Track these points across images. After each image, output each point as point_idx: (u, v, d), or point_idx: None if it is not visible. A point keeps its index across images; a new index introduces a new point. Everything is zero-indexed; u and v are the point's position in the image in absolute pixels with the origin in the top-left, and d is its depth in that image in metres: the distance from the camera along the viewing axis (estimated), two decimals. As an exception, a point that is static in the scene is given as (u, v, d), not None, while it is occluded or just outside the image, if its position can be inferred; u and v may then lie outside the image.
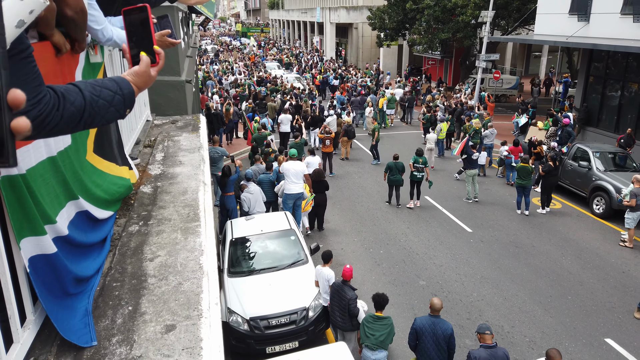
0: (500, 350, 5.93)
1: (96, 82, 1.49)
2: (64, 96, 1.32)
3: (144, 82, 1.61)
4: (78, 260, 2.28)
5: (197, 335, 1.99)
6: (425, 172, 13.36)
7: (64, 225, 2.18)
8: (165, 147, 4.77)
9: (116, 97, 1.49)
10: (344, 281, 7.36)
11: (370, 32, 40.25)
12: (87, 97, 1.39)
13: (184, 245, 2.74)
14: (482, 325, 6.10)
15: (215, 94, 24.49)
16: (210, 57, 49.37)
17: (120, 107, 1.52)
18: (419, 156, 13.42)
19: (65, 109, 1.31)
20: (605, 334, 8.35)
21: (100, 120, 1.46)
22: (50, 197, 2.10)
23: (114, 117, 1.52)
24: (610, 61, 18.63)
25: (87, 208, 2.56)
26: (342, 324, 7.29)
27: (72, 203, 2.37)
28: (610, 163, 13.66)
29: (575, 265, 10.61)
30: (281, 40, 74.34)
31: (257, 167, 12.46)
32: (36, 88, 1.23)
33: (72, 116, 1.33)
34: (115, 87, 1.50)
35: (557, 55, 34.80)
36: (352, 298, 7.14)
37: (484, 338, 5.95)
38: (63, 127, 1.33)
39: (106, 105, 1.45)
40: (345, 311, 7.17)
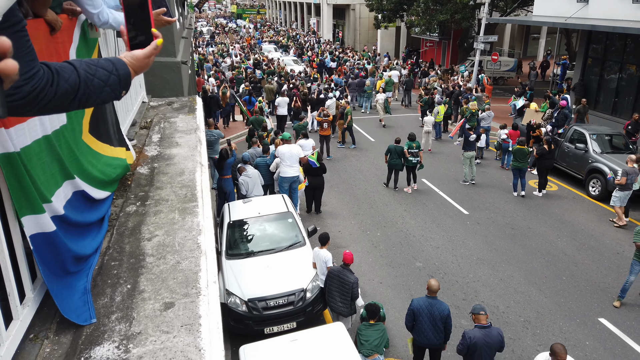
0: (494, 330, 6.01)
1: (92, 62, 1.49)
2: (59, 73, 1.31)
3: (140, 66, 1.61)
4: (77, 239, 2.29)
5: (195, 313, 2.01)
6: (419, 156, 13.33)
7: (60, 205, 2.19)
8: (161, 128, 4.74)
9: (112, 77, 1.49)
10: (344, 265, 7.39)
11: (368, 14, 39.78)
12: (81, 75, 1.38)
13: (181, 225, 2.75)
14: (477, 306, 6.17)
15: (211, 77, 24.28)
16: (206, 39, 48.83)
17: (116, 88, 1.51)
18: (411, 141, 13.38)
19: (59, 86, 1.30)
20: (599, 313, 8.46)
21: (95, 99, 1.46)
22: (46, 176, 2.10)
23: (110, 97, 1.51)
24: (609, 43, 18.53)
25: (84, 188, 2.56)
26: (343, 308, 7.32)
27: (68, 182, 2.37)
28: (606, 145, 13.68)
29: (570, 247, 10.70)
30: (277, 22, 73.51)
31: (254, 150, 12.43)
32: (29, 63, 1.22)
33: (66, 93, 1.32)
34: (111, 67, 1.49)
35: (555, 36, 34.56)
36: (355, 282, 7.21)
37: (478, 318, 6.02)
38: (57, 104, 1.32)
39: (101, 85, 1.44)
40: (348, 295, 7.22)
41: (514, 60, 30.35)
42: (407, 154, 13.22)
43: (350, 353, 5.86)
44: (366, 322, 6.55)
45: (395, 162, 13.46)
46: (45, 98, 1.26)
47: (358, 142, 18.18)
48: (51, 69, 1.30)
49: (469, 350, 5.93)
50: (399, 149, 13.36)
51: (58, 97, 1.30)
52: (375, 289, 9.20)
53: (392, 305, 8.66)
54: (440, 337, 6.43)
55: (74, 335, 1.94)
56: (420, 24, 28.84)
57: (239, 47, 42.19)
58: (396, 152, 13.35)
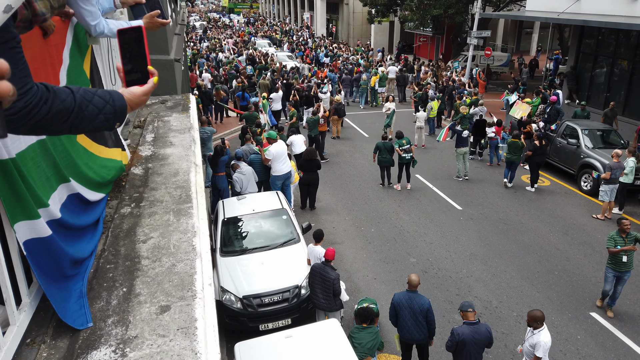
0: (482, 327, 6.08)
1: (90, 90, 1.52)
2: (55, 93, 1.33)
3: (137, 102, 1.64)
4: (73, 243, 2.30)
5: (191, 316, 2.03)
6: (411, 152, 13.25)
7: (56, 208, 2.19)
8: (155, 127, 4.73)
9: (107, 106, 1.51)
10: (325, 262, 7.38)
11: (362, 8, 39.70)
12: (77, 99, 1.40)
13: (176, 227, 2.76)
14: (464, 303, 6.24)
15: (204, 72, 24.17)
16: (199, 34, 48.55)
17: (110, 117, 1.53)
18: (400, 138, 13.30)
19: (54, 105, 1.31)
20: (591, 308, 8.57)
21: (88, 125, 1.47)
22: (42, 180, 2.11)
23: (103, 125, 1.53)
24: (601, 38, 18.62)
25: (79, 190, 2.57)
26: (327, 304, 7.33)
27: (63, 186, 2.38)
28: (598, 140, 13.79)
29: (562, 242, 10.80)
30: (271, 16, 73.16)
31: (247, 147, 12.42)
32: (23, 79, 1.23)
33: (59, 113, 1.34)
34: (108, 97, 1.52)
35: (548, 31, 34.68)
36: (336, 278, 7.21)
37: (466, 315, 6.09)
38: (49, 123, 1.33)
39: (95, 112, 1.47)
40: (330, 292, 7.22)
41: (507, 55, 30.44)
42: (399, 152, 13.12)
43: (345, 349, 5.90)
44: (359, 325, 6.58)
45: (385, 159, 13.39)
46: (38, 115, 1.27)
47: (352, 138, 18.20)
48: (48, 88, 1.31)
49: (457, 347, 6.00)
50: (387, 145, 13.33)
51: (51, 115, 1.31)
52: (370, 285, 9.26)
53: (387, 301, 8.67)
54: (424, 332, 6.49)
55: (71, 339, 1.95)
56: (413, 19, 28.84)
57: (232, 42, 41.99)
58: (385, 148, 13.26)
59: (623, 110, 17.52)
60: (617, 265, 8.01)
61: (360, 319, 6.59)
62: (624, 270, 8.00)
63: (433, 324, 6.53)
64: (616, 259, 7.99)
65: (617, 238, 7.98)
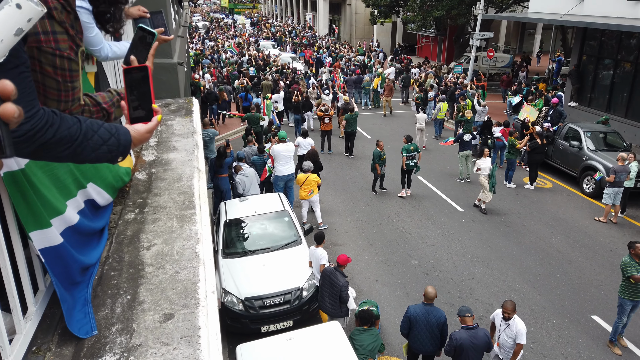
0: (480, 331, 6.11)
1: (97, 122, 1.56)
2: (62, 118, 1.36)
3: (140, 139, 1.68)
4: (83, 249, 2.33)
5: (194, 324, 2.05)
6: (417, 158, 12.95)
7: (74, 214, 2.23)
8: (158, 131, 4.75)
9: (112, 138, 1.55)
10: (336, 267, 7.38)
11: (364, 9, 39.73)
12: (83, 128, 1.44)
13: (180, 234, 2.78)
14: (462, 308, 6.26)
15: (207, 73, 24.21)
16: (201, 34, 48.63)
17: (114, 149, 1.57)
18: (409, 143, 12.94)
19: (59, 129, 1.34)
20: (592, 311, 8.57)
21: (89, 154, 1.50)
22: (58, 187, 2.14)
23: (105, 157, 1.56)
24: (604, 40, 18.60)
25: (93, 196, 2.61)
26: (332, 310, 7.34)
27: (82, 192, 2.42)
28: (601, 143, 13.78)
29: (564, 244, 10.80)
30: (273, 16, 73.20)
31: (249, 149, 12.46)
32: (30, 102, 1.26)
33: (63, 139, 1.37)
34: (114, 131, 1.56)
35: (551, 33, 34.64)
36: (344, 285, 7.18)
37: (464, 320, 6.12)
38: (52, 148, 1.36)
39: (100, 142, 1.50)
40: (337, 298, 7.23)
41: (510, 56, 30.40)
42: (404, 159, 12.82)
43: (347, 352, 5.93)
44: (360, 327, 6.60)
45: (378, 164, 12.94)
46: (43, 138, 1.30)
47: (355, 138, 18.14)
48: (56, 113, 1.34)
49: (455, 352, 6.02)
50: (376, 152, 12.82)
51: (55, 140, 1.34)
52: (371, 287, 9.27)
53: (388, 303, 8.74)
54: (437, 344, 6.48)
55: (76, 347, 1.97)
56: (416, 20, 28.85)
57: (235, 42, 42.02)
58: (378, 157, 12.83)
59: (626, 112, 17.51)
60: (636, 294, 7.29)
61: (361, 322, 6.60)
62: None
63: (447, 336, 6.47)
64: (635, 287, 7.25)
65: (634, 264, 7.20)
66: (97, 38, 2.68)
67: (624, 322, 7.56)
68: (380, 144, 12.96)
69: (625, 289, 7.36)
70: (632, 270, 7.17)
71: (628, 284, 7.29)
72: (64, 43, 1.71)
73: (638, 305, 7.49)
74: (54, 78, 1.65)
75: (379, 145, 12.92)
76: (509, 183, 13.93)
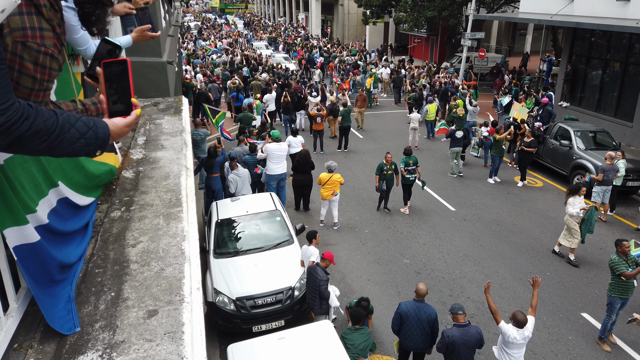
0: (472, 329, 6.13)
1: (75, 115, 1.55)
2: (38, 111, 1.35)
3: (119, 133, 1.68)
4: (61, 247, 2.31)
5: (178, 320, 2.05)
6: (417, 173, 12.11)
7: (44, 214, 2.20)
8: (147, 130, 4.74)
9: (90, 132, 1.54)
10: (318, 263, 7.38)
11: (357, 9, 39.81)
12: (60, 121, 1.43)
13: (166, 231, 2.77)
14: (455, 305, 6.27)
15: (199, 73, 24.13)
16: (194, 34, 48.48)
17: (91, 143, 1.56)
18: (408, 156, 12.04)
19: (35, 122, 1.33)
20: (582, 308, 8.63)
21: (67, 147, 1.50)
22: (31, 186, 2.12)
23: (83, 150, 1.56)
24: (594, 40, 18.76)
25: (67, 194, 2.58)
26: (313, 304, 7.36)
27: (53, 191, 2.39)
28: (590, 142, 13.88)
29: (554, 243, 10.84)
30: (266, 17, 73.13)
31: (241, 149, 12.43)
32: (5, 95, 1.25)
33: (39, 132, 1.36)
34: (91, 124, 1.55)
35: (542, 33, 34.88)
36: (323, 279, 7.16)
37: (457, 318, 6.13)
38: (27, 141, 1.35)
39: (77, 135, 1.49)
40: (317, 292, 7.22)
41: (501, 56, 30.57)
42: (403, 172, 11.94)
43: (338, 351, 5.93)
44: (351, 327, 6.60)
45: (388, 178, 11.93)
46: (18, 131, 1.29)
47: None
48: (31, 106, 1.33)
49: (447, 349, 6.04)
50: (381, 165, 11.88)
51: (30, 133, 1.33)
52: (363, 286, 9.28)
53: (380, 302, 8.75)
54: (427, 341, 6.50)
55: (58, 344, 1.96)
56: (408, 20, 28.93)
57: (226, 42, 41.96)
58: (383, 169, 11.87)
59: (615, 111, 17.67)
60: (625, 291, 7.31)
61: (353, 320, 6.61)
62: (630, 295, 7.39)
63: (437, 333, 6.50)
64: (625, 285, 7.25)
65: (622, 261, 7.25)
66: (83, 38, 2.68)
67: (613, 319, 7.62)
68: (387, 156, 11.79)
69: (614, 287, 7.39)
70: (622, 267, 7.21)
71: (617, 282, 7.32)
72: (50, 40, 1.70)
73: (627, 303, 7.54)
74: (32, 76, 1.63)
75: (387, 158, 11.79)
76: (489, 177, 14.34)
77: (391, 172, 11.75)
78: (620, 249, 7.33)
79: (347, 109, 16.68)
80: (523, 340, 6.09)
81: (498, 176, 14.40)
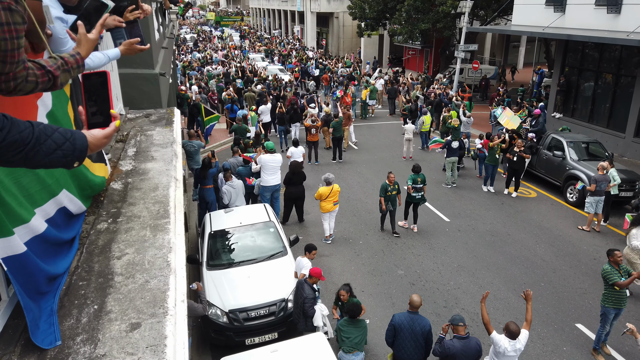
0: (472, 341, 6.10)
1: (51, 126, 1.54)
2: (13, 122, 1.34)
3: (97, 145, 1.67)
4: (50, 259, 2.29)
5: (161, 333, 2.02)
6: (423, 191, 11.63)
7: (40, 223, 2.19)
8: (137, 141, 4.73)
9: (67, 143, 1.53)
10: (306, 279, 7.26)
11: (351, 22, 40.14)
12: (35, 132, 1.42)
13: (152, 243, 2.75)
14: (456, 317, 6.23)
15: (194, 85, 24.19)
16: (190, 46, 48.71)
17: (69, 154, 1.54)
18: (416, 174, 11.57)
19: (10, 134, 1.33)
20: (576, 319, 8.61)
21: (43, 159, 1.48)
22: (24, 196, 2.11)
23: (60, 161, 1.54)
24: (586, 51, 18.96)
25: (65, 204, 2.57)
26: (297, 320, 7.23)
27: (54, 200, 2.39)
28: (583, 152, 13.97)
29: (548, 253, 10.87)
30: (262, 29, 73.61)
31: (235, 160, 12.42)
32: None
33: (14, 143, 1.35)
34: (69, 135, 1.53)
35: (535, 45, 35.27)
36: (308, 297, 7.03)
37: (457, 329, 6.10)
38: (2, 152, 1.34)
39: (53, 147, 1.48)
40: (301, 309, 7.11)
41: (495, 68, 30.83)
42: (410, 189, 11.53)
43: (331, 363, 5.88)
44: (347, 319, 6.60)
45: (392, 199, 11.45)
46: None
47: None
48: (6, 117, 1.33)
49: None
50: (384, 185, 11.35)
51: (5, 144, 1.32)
52: (358, 298, 9.20)
53: (374, 314, 8.70)
54: (421, 353, 6.45)
55: (39, 357, 1.93)
56: (402, 33, 29.18)
57: (222, 54, 42.15)
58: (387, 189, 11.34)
59: (608, 122, 17.81)
60: (619, 301, 7.30)
61: (349, 314, 6.61)
62: (623, 305, 7.36)
63: (431, 345, 6.45)
64: (619, 295, 7.25)
65: (615, 271, 7.25)
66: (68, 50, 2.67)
67: (607, 330, 7.59)
68: (390, 176, 11.30)
69: (608, 297, 7.36)
70: (614, 277, 7.19)
71: (611, 292, 7.31)
72: None
73: (620, 313, 7.51)
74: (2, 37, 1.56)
75: (389, 177, 11.29)
76: (483, 185, 14.54)
77: (395, 192, 11.28)
78: (613, 258, 7.32)
79: (338, 120, 16.78)
80: (514, 352, 6.06)
81: (493, 187, 14.43)
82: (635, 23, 14.91)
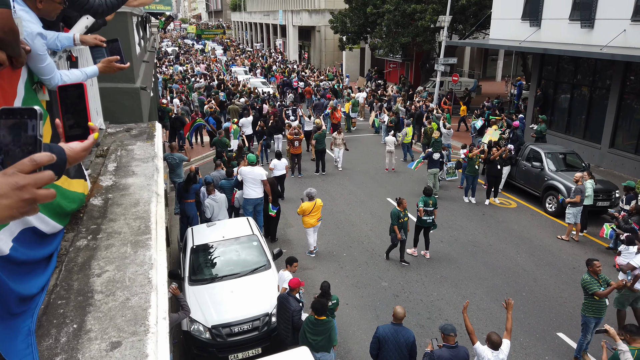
0: (461, 350, 6.12)
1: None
2: None
3: (76, 158, 1.64)
4: (21, 279, 2.24)
5: (142, 352, 1.99)
6: (434, 214, 11.05)
7: (4, 244, 2.14)
8: (118, 156, 4.69)
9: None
10: (289, 292, 7.24)
11: (333, 35, 40.54)
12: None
13: (133, 259, 2.72)
14: (448, 326, 6.20)
15: (175, 98, 24.08)
16: (171, 59, 48.56)
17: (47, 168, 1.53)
18: (427, 197, 10.98)
19: None
20: (557, 328, 8.72)
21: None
22: None
23: None
24: (561, 65, 19.46)
25: (35, 224, 2.51)
26: (286, 335, 7.17)
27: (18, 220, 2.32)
28: (561, 163, 14.26)
29: (529, 263, 11.02)
30: (244, 42, 73.86)
31: (217, 173, 12.35)
32: None
33: None
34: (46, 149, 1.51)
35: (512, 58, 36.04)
36: (296, 309, 7.02)
37: (447, 339, 6.10)
38: None
39: None
40: (289, 323, 7.06)
41: (474, 80, 31.40)
42: (421, 213, 10.92)
43: (315, 378, 5.84)
44: (312, 319, 6.59)
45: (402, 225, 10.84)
46: None
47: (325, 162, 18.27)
48: None
49: None
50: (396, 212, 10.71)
51: None
52: (342, 311, 9.18)
53: (359, 327, 8.68)
54: None
55: (15, 380, 1.89)
56: (383, 46, 29.58)
57: (204, 67, 42.11)
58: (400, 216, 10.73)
59: (584, 133, 18.24)
60: (599, 310, 7.40)
61: (315, 312, 6.60)
62: (603, 314, 7.46)
63: (415, 357, 6.46)
64: (599, 304, 7.35)
65: (594, 281, 7.37)
66: (48, 67, 2.65)
67: (589, 339, 7.70)
68: (403, 202, 10.70)
69: (588, 307, 7.47)
70: (594, 287, 7.32)
71: (591, 302, 7.42)
72: None
73: (600, 322, 7.62)
74: None
75: (402, 203, 10.68)
76: (464, 196, 14.80)
77: (407, 218, 10.77)
78: (592, 268, 7.44)
79: (322, 132, 16.84)
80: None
81: (474, 198, 14.62)
82: (608, 37, 15.38)
